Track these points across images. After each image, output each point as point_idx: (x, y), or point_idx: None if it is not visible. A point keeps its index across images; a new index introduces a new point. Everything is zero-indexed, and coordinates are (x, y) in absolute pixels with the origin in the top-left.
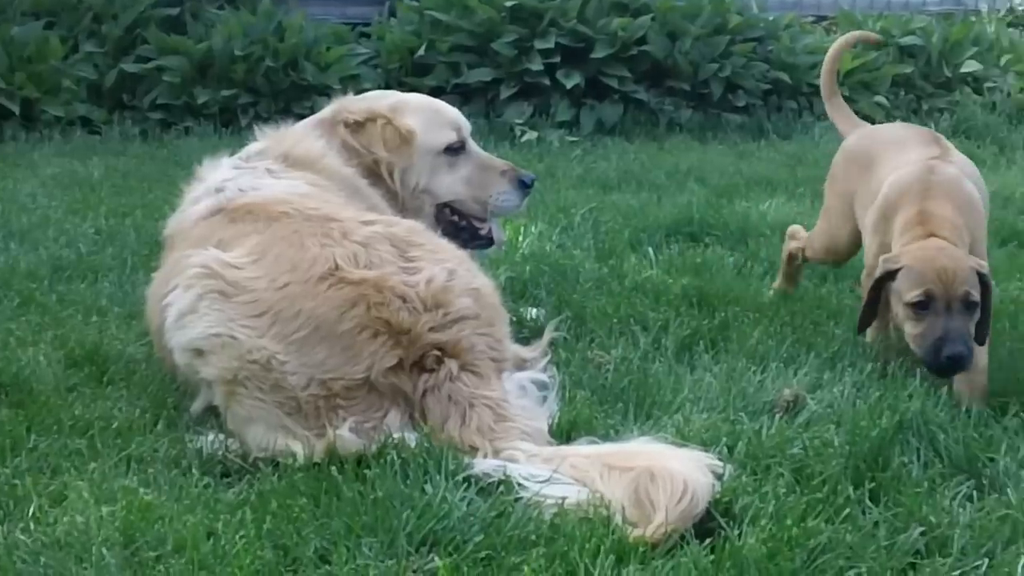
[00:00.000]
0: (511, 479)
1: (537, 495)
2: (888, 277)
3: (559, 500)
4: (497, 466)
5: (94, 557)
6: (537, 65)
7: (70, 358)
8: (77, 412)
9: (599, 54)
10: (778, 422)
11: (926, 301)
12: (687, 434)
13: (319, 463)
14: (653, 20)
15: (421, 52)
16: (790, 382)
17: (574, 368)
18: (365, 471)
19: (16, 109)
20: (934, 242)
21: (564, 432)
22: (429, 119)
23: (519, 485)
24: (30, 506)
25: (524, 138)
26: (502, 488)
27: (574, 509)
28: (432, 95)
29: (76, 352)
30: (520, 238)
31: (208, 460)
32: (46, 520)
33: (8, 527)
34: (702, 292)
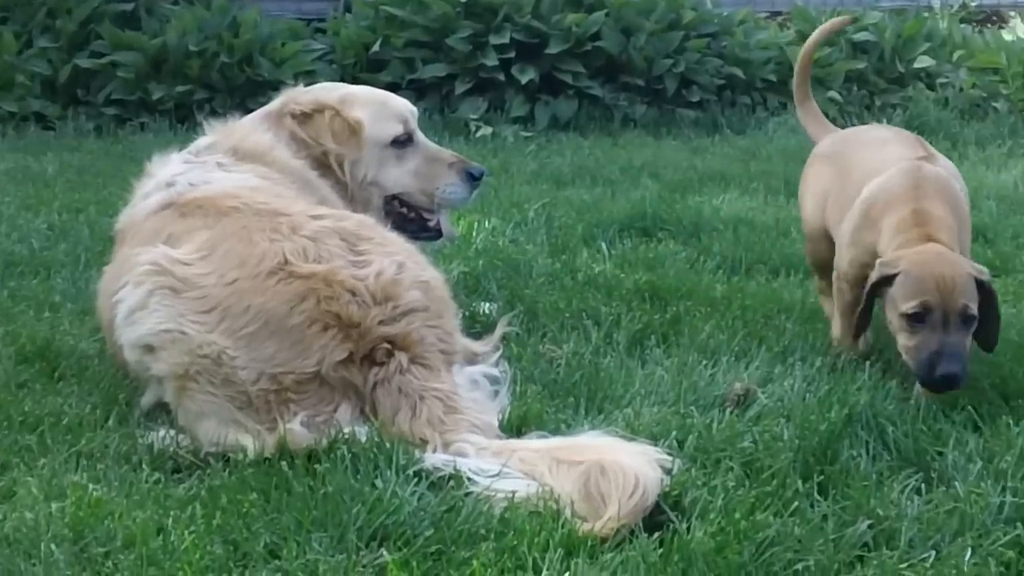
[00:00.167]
0: (461, 473)
1: (487, 489)
2: (884, 282)
3: (509, 494)
4: (447, 460)
5: (43, 553)
6: (492, 61)
7: (21, 354)
8: (27, 408)
9: (554, 50)
10: (728, 416)
11: (922, 313)
12: (637, 428)
13: (270, 458)
14: (607, 16)
15: (376, 48)
16: (741, 376)
17: (526, 362)
18: (315, 466)
19: None
20: (934, 247)
21: (514, 426)
22: (377, 111)
23: (469, 479)
24: None
25: (479, 133)
26: (452, 482)
27: (524, 503)
28: (387, 90)
29: (27, 348)
30: (474, 233)
31: (159, 456)
32: None
33: None
34: (654, 287)
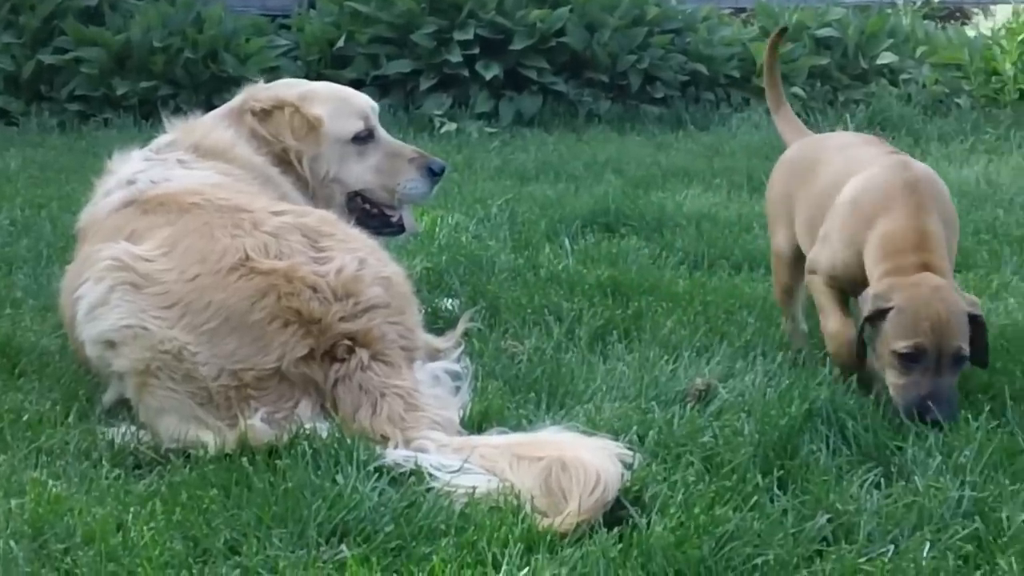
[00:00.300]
0: (422, 469)
1: (448, 485)
2: (878, 315)
3: (469, 490)
4: (408, 456)
5: (2, 550)
6: (456, 57)
7: None
8: None
9: (518, 46)
10: (689, 411)
11: (916, 354)
12: (598, 423)
13: (230, 454)
14: (571, 12)
15: (340, 44)
16: (702, 371)
17: (487, 358)
18: (276, 462)
19: None
20: (930, 282)
21: (476, 422)
22: (337, 107)
23: (430, 475)
24: None
25: (443, 129)
26: (413, 478)
27: (484, 499)
28: (351, 87)
29: None
30: (437, 229)
31: (119, 452)
32: None
33: None
34: (617, 282)
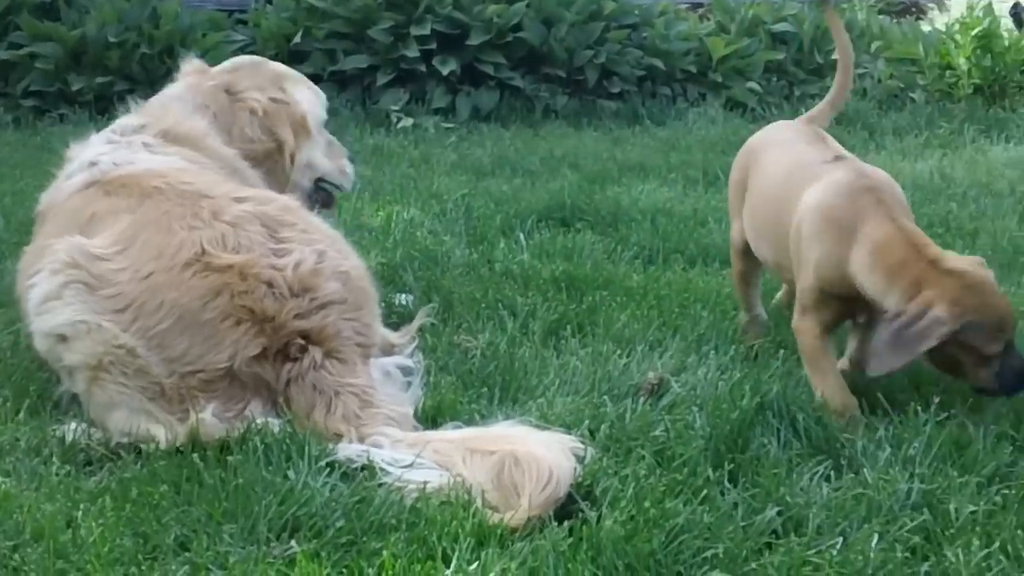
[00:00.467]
0: (374, 464)
1: (399, 480)
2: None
3: (421, 485)
4: (360, 451)
5: None
6: (413, 52)
7: None
8: None
9: (475, 41)
10: (642, 405)
11: (1004, 346)
12: (550, 418)
13: (182, 450)
14: (528, 7)
15: (297, 39)
16: (655, 365)
17: (440, 353)
18: (227, 458)
19: None
20: (976, 279)
21: (429, 417)
22: (314, 95)
23: (382, 470)
24: None
25: (400, 125)
26: (365, 473)
27: (436, 494)
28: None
29: None
30: (392, 224)
31: (70, 449)
32: None
33: None
34: (571, 277)
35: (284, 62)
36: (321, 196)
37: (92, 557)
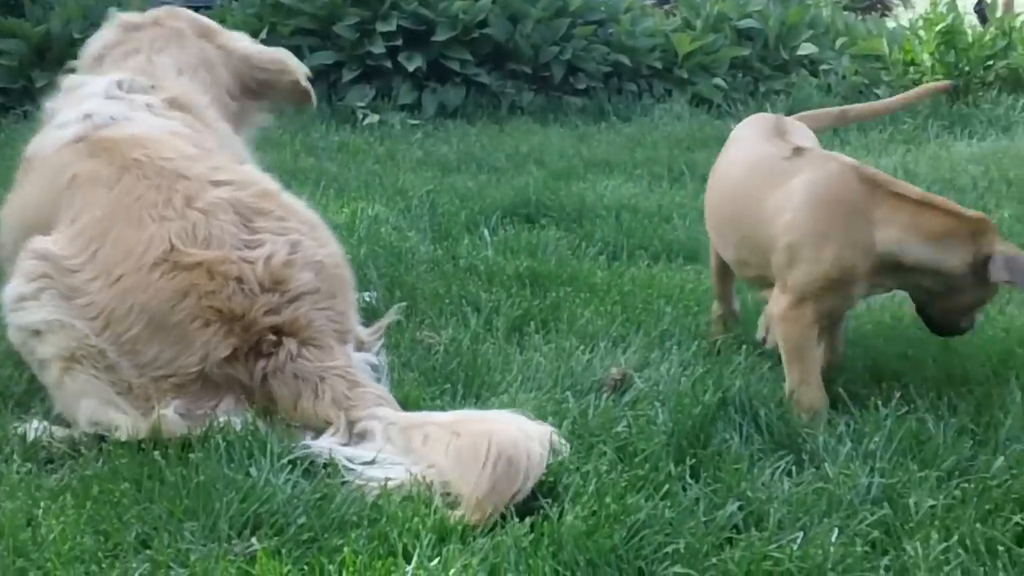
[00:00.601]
0: (336, 461)
1: (361, 477)
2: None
3: (383, 481)
4: (322, 448)
5: None
6: (379, 48)
7: None
8: None
9: (441, 37)
10: (605, 401)
11: None
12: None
13: (144, 447)
14: (494, 3)
15: (263, 36)
16: (618, 361)
17: (403, 349)
18: (189, 455)
19: None
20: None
21: None
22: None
23: (345, 468)
24: None
25: (366, 121)
26: (327, 470)
27: (398, 490)
28: None
29: None
30: (357, 221)
31: (31, 447)
32: None
33: None
34: (535, 273)
35: None
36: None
37: (52, 555)
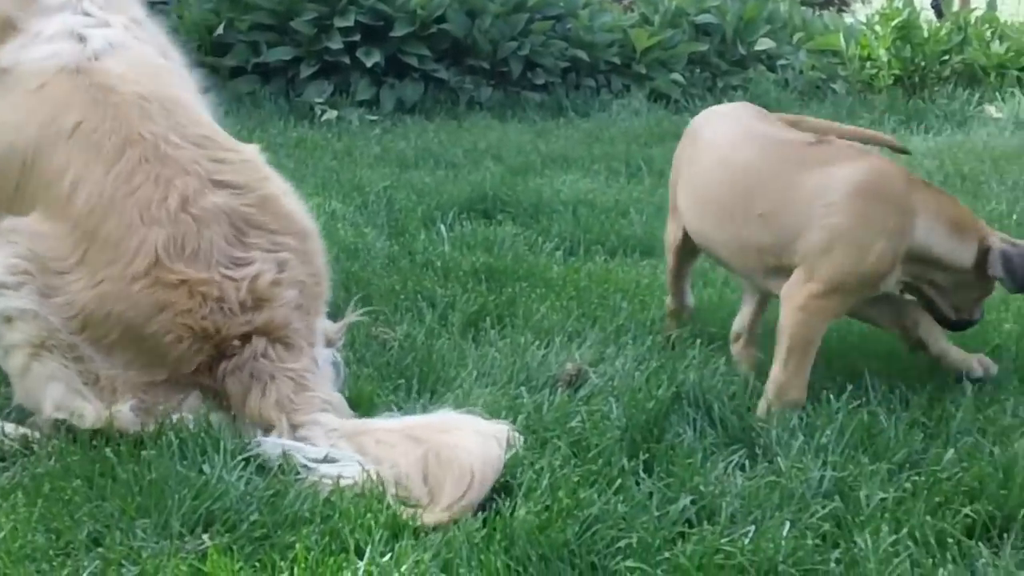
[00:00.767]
0: (291, 458)
1: (315, 474)
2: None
3: (336, 478)
4: (276, 445)
5: None
6: (337, 44)
7: None
8: None
9: (399, 32)
10: (559, 396)
11: None
12: (467, 409)
13: (96, 444)
14: None
15: (220, 31)
16: (573, 356)
17: (358, 345)
18: (142, 452)
19: None
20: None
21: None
22: None
23: (302, 466)
24: None
25: (324, 117)
26: (281, 467)
27: (350, 487)
28: (232, 75)
29: None
30: (314, 217)
31: None
32: None
33: None
34: (491, 268)
35: (207, 54)
36: None
37: (3, 553)
